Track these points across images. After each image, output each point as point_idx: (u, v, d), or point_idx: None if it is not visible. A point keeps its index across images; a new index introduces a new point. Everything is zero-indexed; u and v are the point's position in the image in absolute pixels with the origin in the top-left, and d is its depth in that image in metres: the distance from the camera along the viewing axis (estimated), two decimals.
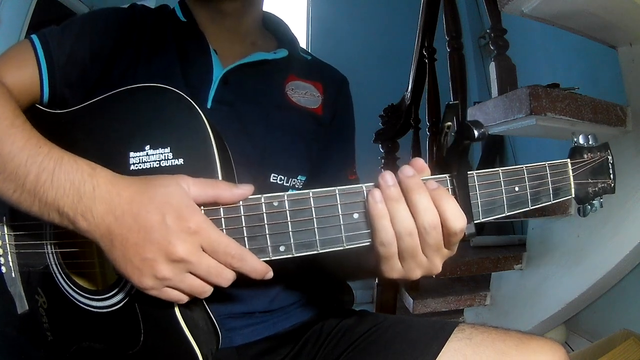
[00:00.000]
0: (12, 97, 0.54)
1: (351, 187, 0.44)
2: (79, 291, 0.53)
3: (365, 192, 0.44)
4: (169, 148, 0.47)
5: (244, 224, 0.44)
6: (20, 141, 0.46)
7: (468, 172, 0.46)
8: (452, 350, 0.55)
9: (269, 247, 0.44)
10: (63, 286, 0.55)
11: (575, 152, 0.53)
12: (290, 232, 0.44)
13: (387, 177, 0.43)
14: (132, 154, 0.47)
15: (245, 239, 0.44)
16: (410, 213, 0.42)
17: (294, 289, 0.68)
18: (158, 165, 0.46)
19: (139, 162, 0.47)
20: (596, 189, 0.53)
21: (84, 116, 0.53)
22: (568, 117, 1.10)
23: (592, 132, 0.55)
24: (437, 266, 0.46)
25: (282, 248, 0.44)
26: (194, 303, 0.50)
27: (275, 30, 0.78)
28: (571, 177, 0.52)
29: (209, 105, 0.64)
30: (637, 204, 1.18)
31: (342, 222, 0.44)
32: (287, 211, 0.44)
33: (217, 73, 0.66)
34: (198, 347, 0.47)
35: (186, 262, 0.41)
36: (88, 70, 0.61)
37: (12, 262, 0.58)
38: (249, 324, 0.64)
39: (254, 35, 0.74)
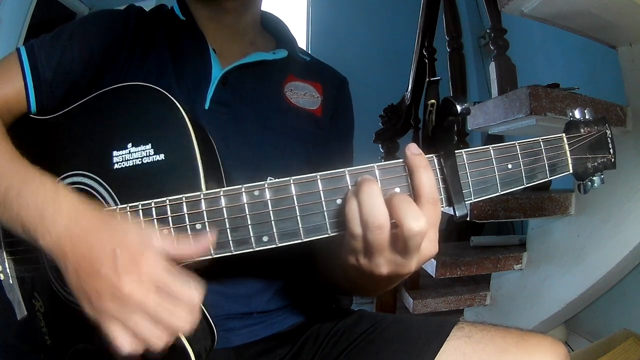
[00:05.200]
0: None
1: (333, 172, 0.43)
2: (70, 292, 0.53)
3: (347, 176, 0.43)
4: (150, 144, 0.47)
5: (225, 216, 0.43)
6: None
7: (457, 151, 0.44)
8: (451, 349, 0.55)
9: (252, 238, 0.43)
10: (57, 288, 0.54)
11: (571, 126, 0.51)
12: (273, 222, 0.43)
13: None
14: (115, 152, 0.48)
15: (228, 230, 0.43)
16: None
17: (292, 289, 0.67)
18: (140, 162, 0.47)
19: (122, 160, 0.48)
20: (595, 164, 0.51)
21: (69, 120, 0.54)
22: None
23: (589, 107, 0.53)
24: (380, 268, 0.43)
25: (265, 238, 0.43)
26: None
27: (274, 30, 0.78)
28: (567, 152, 0.49)
29: (206, 106, 0.63)
30: (637, 204, 1.18)
31: (325, 209, 0.43)
32: (269, 200, 0.43)
33: (216, 73, 0.65)
34: (189, 344, 0.47)
35: (130, 301, 0.39)
36: (79, 78, 0.62)
37: (9, 268, 0.58)
38: (247, 325, 0.63)
39: (252, 34, 0.74)
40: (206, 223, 0.44)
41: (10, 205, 0.45)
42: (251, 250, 0.44)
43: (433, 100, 0.46)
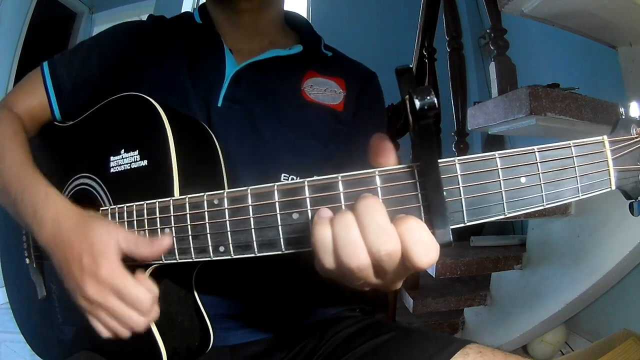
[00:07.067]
0: (17, 121, 0.62)
1: (291, 183, 0.39)
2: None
3: (306, 187, 0.38)
4: (137, 151, 0.51)
5: (189, 222, 0.44)
6: (8, 160, 0.55)
7: (446, 160, 0.36)
8: None
9: (210, 247, 0.43)
10: None
11: (619, 127, 0.39)
12: (229, 232, 0.42)
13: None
14: (112, 157, 0.52)
15: (190, 237, 0.44)
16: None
17: (295, 293, 0.66)
18: (129, 167, 0.51)
19: (117, 165, 0.52)
20: None
21: (81, 127, 0.61)
22: (568, 117, 1.10)
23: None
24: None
25: (221, 249, 0.43)
26: (182, 296, 0.52)
27: (298, 28, 0.78)
28: (609, 161, 0.37)
29: (219, 104, 0.64)
30: None
31: (279, 223, 0.39)
32: (226, 209, 0.42)
33: (230, 71, 0.66)
34: (162, 338, 0.48)
35: (93, 301, 0.45)
36: (99, 87, 0.65)
37: (34, 255, 0.65)
38: (244, 325, 0.63)
39: (272, 33, 0.73)
40: (173, 228, 0.45)
41: (19, 208, 0.52)
42: (208, 259, 0.43)
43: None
